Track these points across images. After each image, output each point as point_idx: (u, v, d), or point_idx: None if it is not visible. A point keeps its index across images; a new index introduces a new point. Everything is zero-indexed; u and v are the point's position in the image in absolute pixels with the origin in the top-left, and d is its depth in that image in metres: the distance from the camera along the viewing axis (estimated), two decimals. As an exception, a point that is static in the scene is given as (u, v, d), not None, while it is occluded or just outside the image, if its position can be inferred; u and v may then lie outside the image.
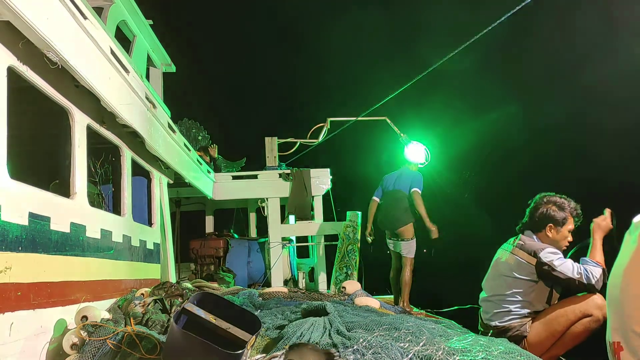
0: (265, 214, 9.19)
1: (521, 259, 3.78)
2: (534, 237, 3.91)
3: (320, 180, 9.11)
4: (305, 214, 9.00)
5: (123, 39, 6.83)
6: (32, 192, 2.99)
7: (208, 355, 2.69)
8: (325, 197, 9.24)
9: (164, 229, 5.99)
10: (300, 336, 3.11)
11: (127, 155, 4.80)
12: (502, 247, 4.07)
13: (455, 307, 5.41)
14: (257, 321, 2.98)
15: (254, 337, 2.89)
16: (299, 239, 9.70)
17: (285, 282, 9.07)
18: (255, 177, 9.13)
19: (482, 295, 4.04)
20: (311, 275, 9.67)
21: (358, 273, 8.61)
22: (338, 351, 2.54)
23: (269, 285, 8.71)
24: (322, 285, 8.84)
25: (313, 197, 9.05)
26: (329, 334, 3.11)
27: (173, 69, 9.60)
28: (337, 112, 10.08)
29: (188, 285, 5.08)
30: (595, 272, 3.52)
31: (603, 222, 3.74)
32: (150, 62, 8.36)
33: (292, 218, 9.44)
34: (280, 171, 9.18)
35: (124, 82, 4.16)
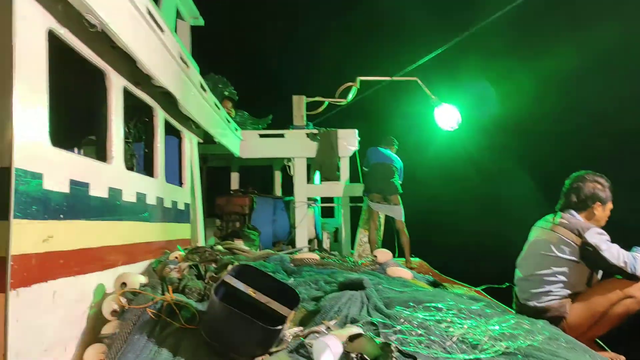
0: (291, 173, 9.15)
1: (564, 237, 3.68)
2: (577, 215, 3.80)
3: (348, 141, 8.99)
4: (331, 175, 8.94)
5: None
6: (72, 159, 2.95)
7: (248, 329, 2.69)
8: (352, 158, 9.14)
9: (194, 189, 5.98)
10: (338, 310, 3.10)
11: (161, 116, 4.74)
12: (538, 225, 3.97)
13: (488, 285, 5.37)
14: (296, 296, 2.96)
15: (293, 312, 2.88)
16: (324, 199, 9.68)
17: (310, 242, 9.11)
18: (282, 136, 9.05)
19: (518, 274, 3.97)
20: (335, 236, 9.69)
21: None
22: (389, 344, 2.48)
23: (293, 243, 8.77)
24: (346, 247, 8.87)
25: (340, 157, 8.97)
26: (367, 310, 3.09)
27: (201, 22, 9.40)
28: (368, 71, 9.82)
29: (219, 247, 5.09)
30: None
31: None
32: (178, 14, 8.19)
33: (317, 178, 9.40)
34: (308, 131, 9.07)
35: (160, 43, 4.05)
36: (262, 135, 9.08)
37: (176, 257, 4.11)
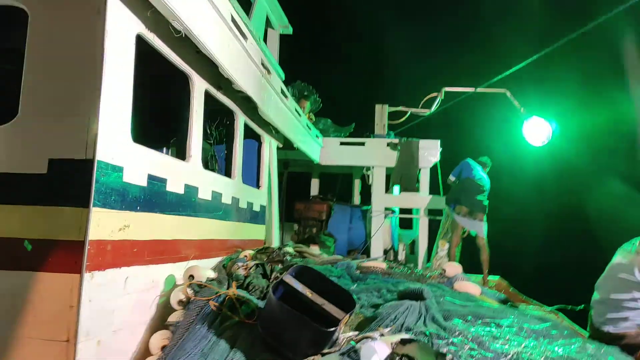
0: (369, 182, 9.15)
1: None
2: (665, 240, 3.54)
3: (429, 152, 8.85)
4: (410, 186, 8.83)
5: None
6: (152, 155, 3.17)
7: (302, 328, 2.76)
8: (433, 170, 8.99)
9: (271, 192, 6.16)
10: (395, 319, 3.10)
11: (241, 120, 4.95)
12: (622, 248, 3.73)
13: (561, 306, 5.11)
14: (351, 301, 2.99)
15: (347, 316, 2.92)
16: (403, 210, 9.58)
17: (385, 252, 9.05)
18: (362, 144, 9.07)
19: (595, 296, 3.75)
20: (412, 248, 9.56)
21: (460, 251, 8.41)
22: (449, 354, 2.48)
23: (368, 253, 8.75)
24: (422, 259, 8.73)
25: (420, 168, 8.84)
26: (424, 321, 3.06)
27: (290, 30, 9.65)
28: (454, 82, 9.62)
29: (289, 249, 5.21)
30: None
31: None
32: (268, 23, 8.48)
33: (396, 188, 9.33)
34: (388, 140, 9.03)
35: (242, 49, 4.23)
36: (342, 143, 9.15)
37: (245, 256, 4.27)
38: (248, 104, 5.00)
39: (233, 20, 3.96)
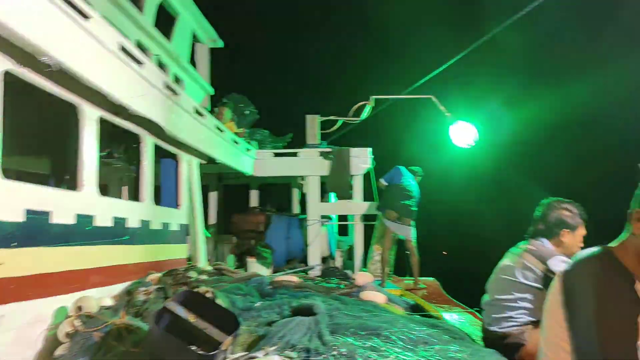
0: (305, 191, 9.24)
1: (529, 263, 3.62)
2: (546, 243, 3.73)
3: (361, 160, 9.00)
4: (344, 193, 8.97)
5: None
6: (29, 190, 3.15)
7: (182, 354, 2.79)
8: (366, 176, 9.15)
9: (193, 210, 6.15)
10: (282, 336, 3.15)
11: (148, 142, 4.94)
12: (510, 251, 3.92)
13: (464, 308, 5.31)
14: (236, 322, 3.04)
15: (229, 338, 2.96)
16: (340, 218, 9.71)
17: (324, 260, 9.15)
18: (295, 154, 9.16)
19: (485, 298, 3.92)
20: (349, 254, 9.70)
21: (395, 254, 8.60)
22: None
23: (306, 261, 8.84)
24: (359, 265, 8.86)
25: (353, 176, 8.98)
26: (310, 337, 3.13)
27: (220, 44, 9.69)
28: (384, 89, 9.86)
29: (208, 268, 5.23)
30: None
31: None
32: (195, 38, 8.50)
33: (332, 196, 9.45)
34: (321, 150, 9.15)
35: (136, 75, 4.23)
36: (276, 154, 9.22)
37: (151, 280, 4.27)
38: (156, 126, 5.00)
39: (122, 48, 3.96)
